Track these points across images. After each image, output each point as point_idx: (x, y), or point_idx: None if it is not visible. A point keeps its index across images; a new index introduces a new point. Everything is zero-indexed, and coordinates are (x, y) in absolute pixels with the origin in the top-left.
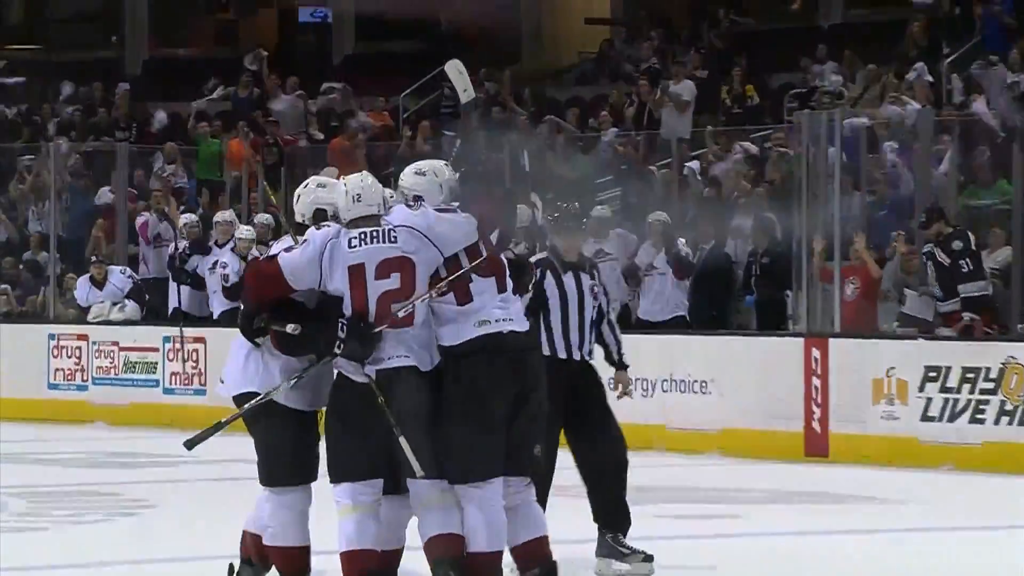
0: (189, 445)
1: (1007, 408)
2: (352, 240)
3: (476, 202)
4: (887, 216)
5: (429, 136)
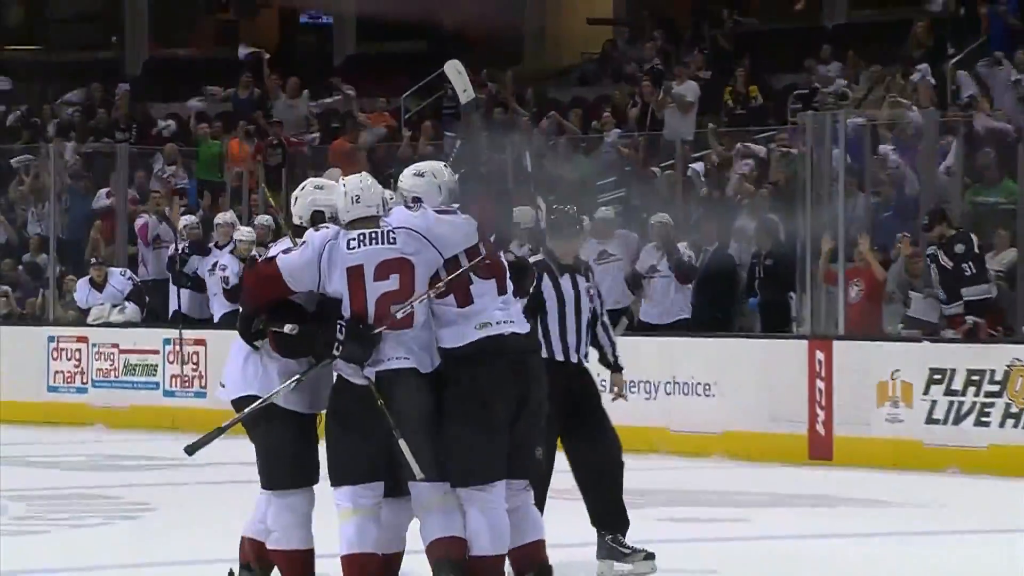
0: (190, 450)
1: (1012, 411)
2: (351, 241)
3: (476, 204)
4: (891, 218)
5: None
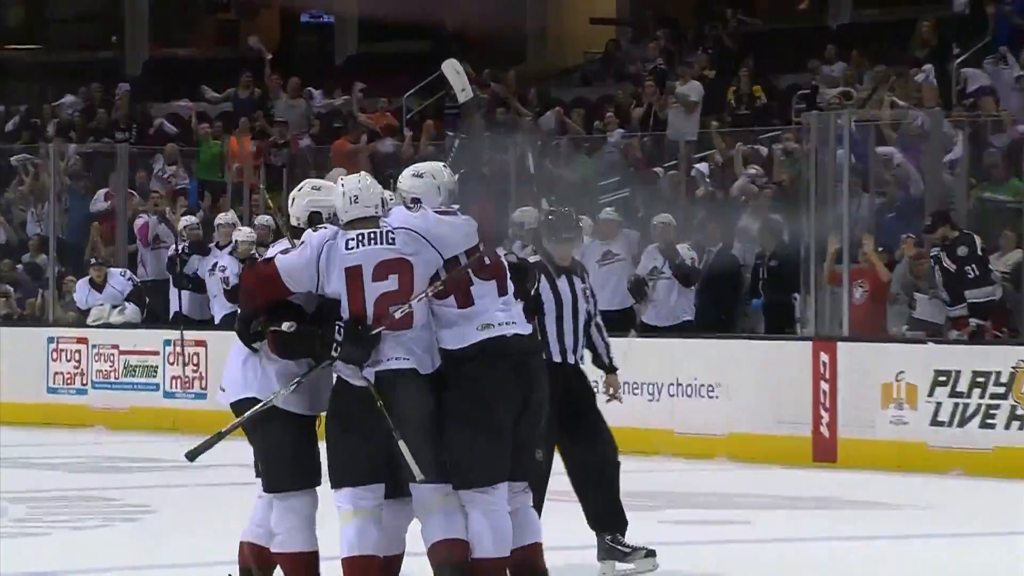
0: (191, 456)
1: (1018, 413)
2: (349, 242)
3: (476, 204)
4: (896, 218)
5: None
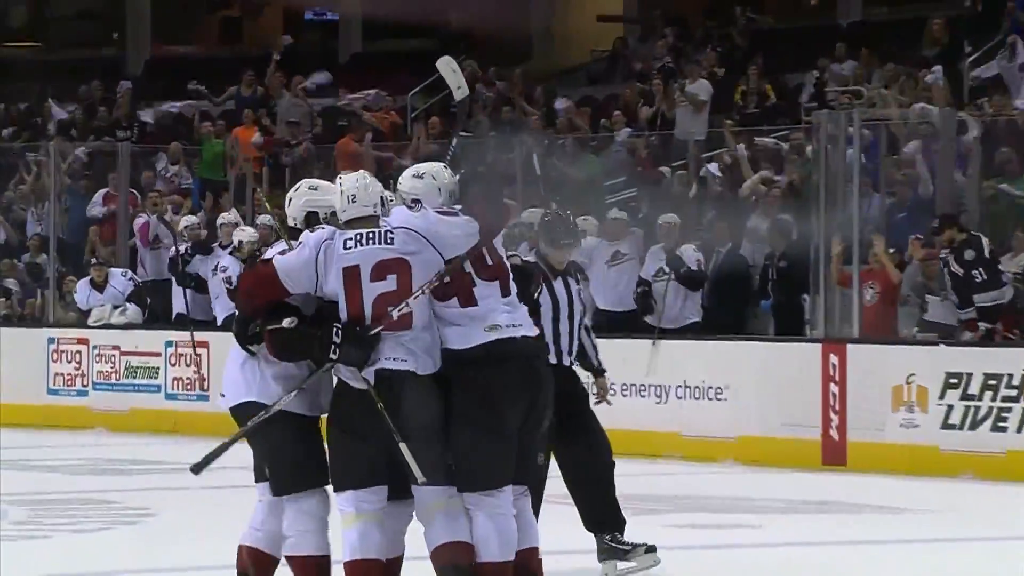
0: (196, 470)
1: None
2: (347, 241)
3: (477, 204)
4: (906, 218)
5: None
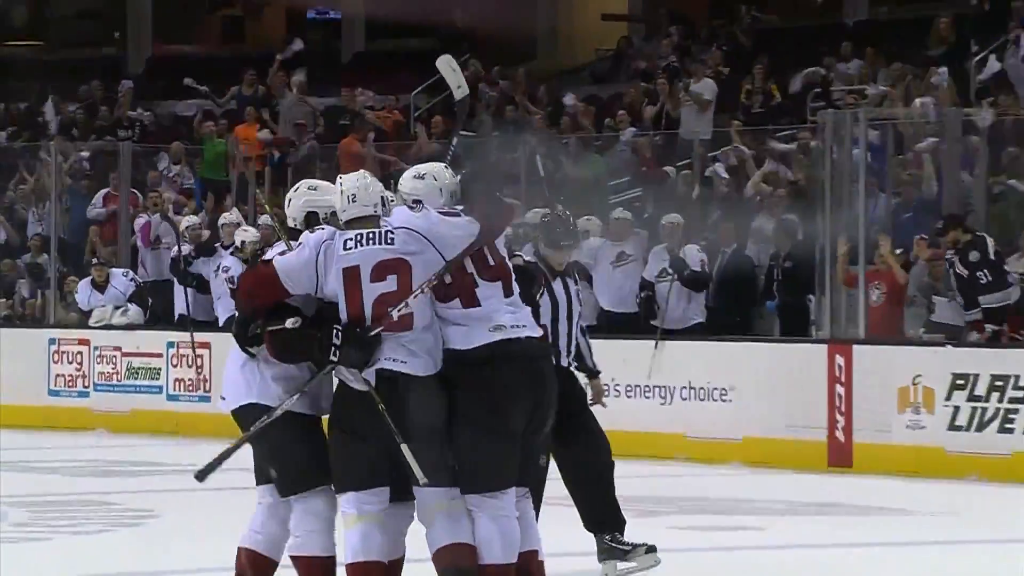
0: (200, 477)
1: None
2: (348, 242)
3: (479, 204)
4: (912, 219)
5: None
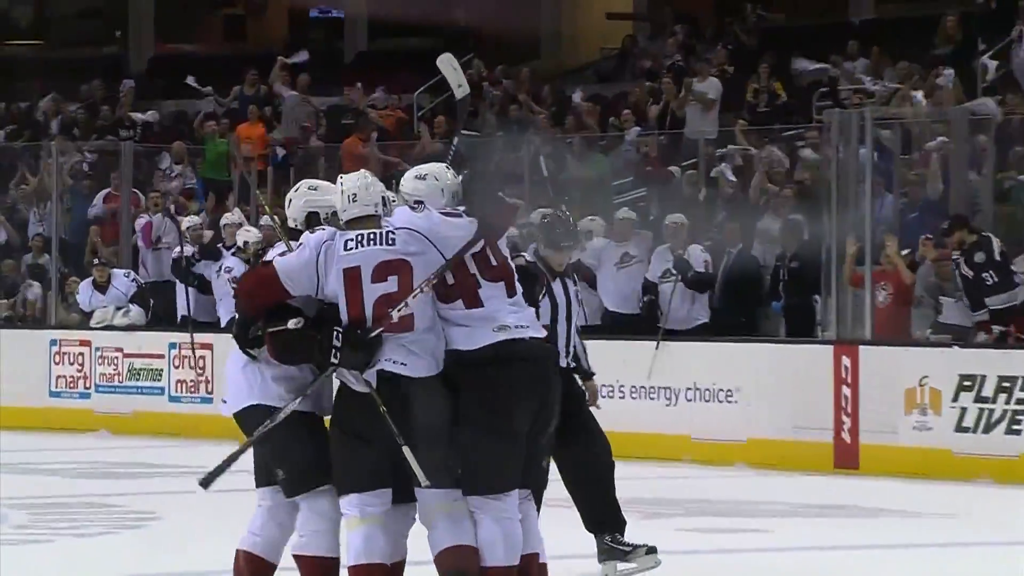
0: (204, 484)
1: None
2: (348, 242)
3: (480, 205)
4: (919, 219)
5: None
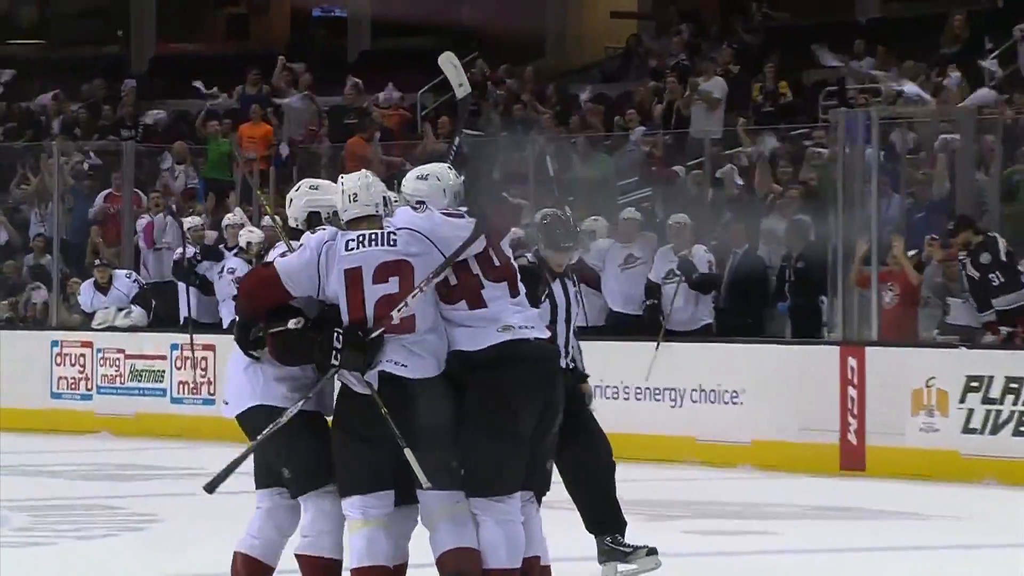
0: (209, 489)
1: None
2: (350, 243)
3: (482, 204)
4: (925, 219)
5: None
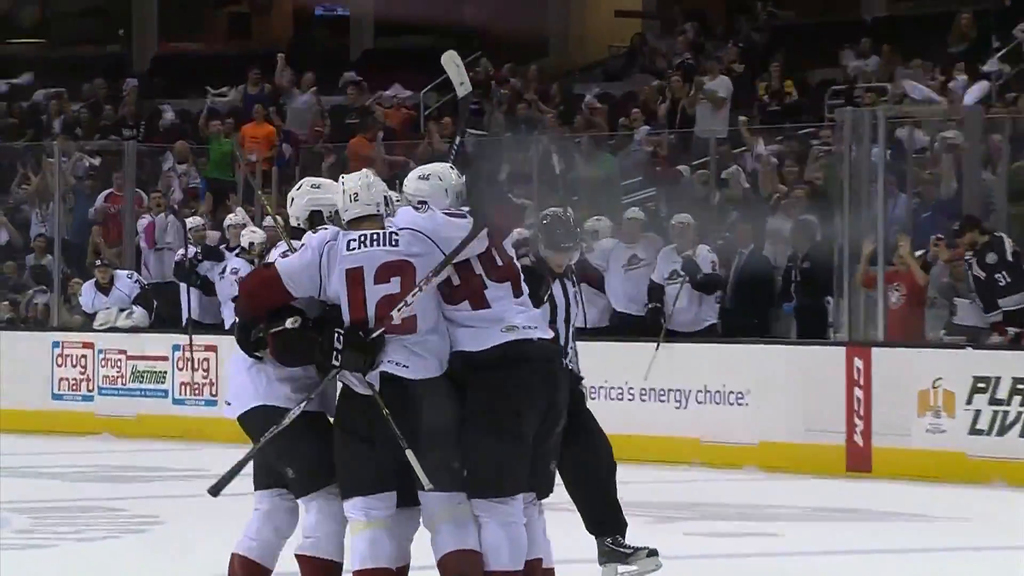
0: (213, 492)
1: None
2: (351, 243)
3: (485, 204)
4: (932, 218)
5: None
